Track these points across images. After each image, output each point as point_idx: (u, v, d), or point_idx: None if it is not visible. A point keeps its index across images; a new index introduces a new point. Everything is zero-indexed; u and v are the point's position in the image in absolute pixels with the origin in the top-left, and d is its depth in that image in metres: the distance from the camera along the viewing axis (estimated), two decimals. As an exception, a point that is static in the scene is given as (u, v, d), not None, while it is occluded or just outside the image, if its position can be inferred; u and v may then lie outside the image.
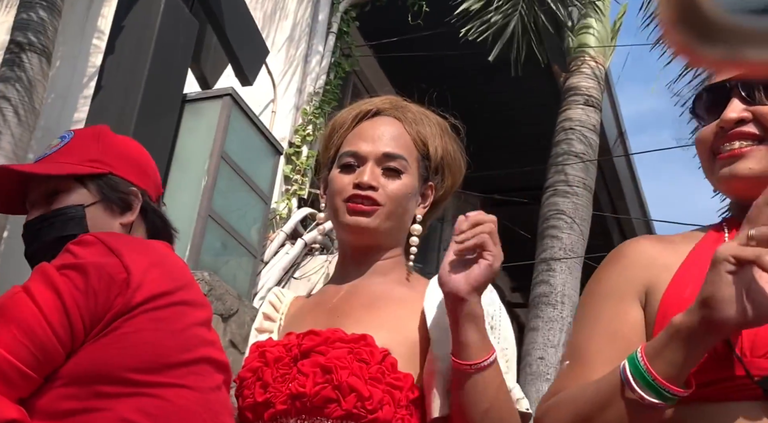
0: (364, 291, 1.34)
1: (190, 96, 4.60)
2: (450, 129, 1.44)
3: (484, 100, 6.25)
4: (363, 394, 1.17)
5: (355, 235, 1.34)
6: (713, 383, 0.96)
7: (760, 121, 1.09)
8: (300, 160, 5.84)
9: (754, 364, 0.94)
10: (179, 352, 1.16)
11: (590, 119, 5.12)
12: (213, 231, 4.58)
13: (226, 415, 1.22)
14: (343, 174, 1.35)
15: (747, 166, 1.08)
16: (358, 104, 1.44)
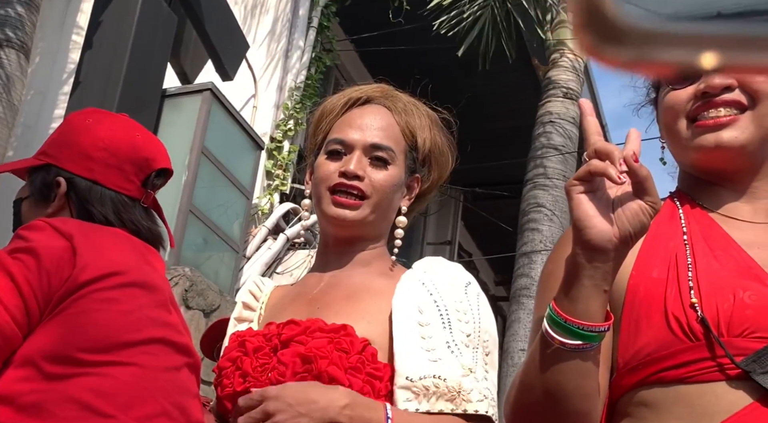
0: (345, 282, 1.32)
1: (169, 91, 4.58)
2: (440, 122, 1.43)
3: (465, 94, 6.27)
4: (343, 383, 1.16)
5: (338, 226, 1.32)
6: (690, 364, 0.95)
7: (746, 89, 1.04)
8: (282, 155, 5.83)
9: (732, 344, 0.93)
10: (129, 332, 1.15)
11: (569, 112, 5.16)
12: (194, 226, 4.57)
13: (185, 396, 1.21)
14: (330, 161, 1.33)
15: (733, 134, 1.03)
16: (349, 91, 1.41)
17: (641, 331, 0.99)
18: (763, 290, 0.95)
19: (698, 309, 0.95)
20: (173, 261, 4.33)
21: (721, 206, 1.07)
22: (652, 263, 1.02)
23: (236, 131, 4.92)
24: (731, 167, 1.06)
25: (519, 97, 6.39)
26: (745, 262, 0.99)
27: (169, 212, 4.40)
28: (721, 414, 0.91)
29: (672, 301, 0.97)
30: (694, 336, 0.95)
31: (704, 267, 0.98)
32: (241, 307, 1.40)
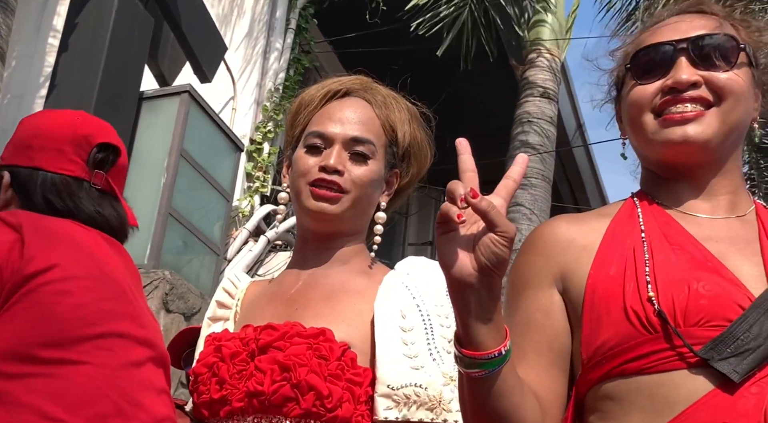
0: (323, 281, 1.30)
1: (147, 93, 4.56)
2: (418, 115, 1.40)
3: (444, 94, 6.30)
4: (322, 392, 1.14)
5: (318, 221, 1.30)
6: (650, 355, 0.97)
7: (712, 87, 1.06)
8: (261, 157, 5.82)
9: (689, 333, 0.95)
10: (83, 326, 1.11)
11: (547, 111, 5.19)
12: (174, 229, 4.55)
13: (145, 392, 1.16)
14: (309, 155, 1.30)
15: (699, 129, 1.05)
16: (328, 82, 1.37)
17: (602, 326, 1.01)
18: (717, 281, 0.98)
19: (655, 302, 0.97)
20: (153, 264, 4.30)
21: (681, 203, 1.10)
22: (610, 262, 1.03)
23: (215, 133, 4.91)
24: (694, 162, 1.08)
25: (497, 97, 6.43)
26: (701, 255, 1.01)
27: (148, 215, 4.38)
28: (681, 402, 0.93)
29: (630, 296, 0.99)
30: (653, 328, 0.97)
31: (661, 261, 1.01)
32: (215, 306, 1.37)
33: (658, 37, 1.11)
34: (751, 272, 1.00)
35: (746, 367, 0.92)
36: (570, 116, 7.55)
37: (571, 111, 7.63)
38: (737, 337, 0.93)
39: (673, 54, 1.08)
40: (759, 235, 1.06)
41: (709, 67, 1.07)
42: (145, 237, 4.33)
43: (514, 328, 1.05)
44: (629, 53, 1.14)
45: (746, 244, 1.04)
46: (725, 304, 0.96)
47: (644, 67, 1.10)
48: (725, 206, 1.09)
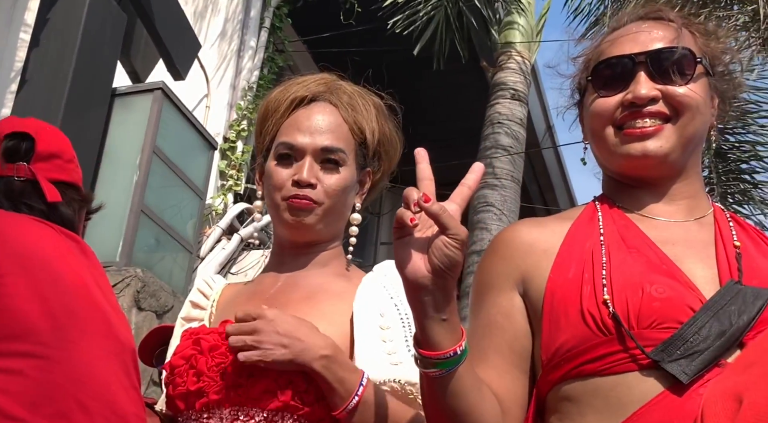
0: (302, 283, 1.31)
1: (120, 90, 4.54)
2: (385, 108, 1.39)
3: (417, 96, 6.34)
4: (300, 386, 1.15)
5: (294, 231, 1.31)
6: (605, 357, 0.99)
7: (670, 101, 1.09)
8: (235, 156, 5.82)
9: (641, 335, 0.97)
10: (42, 320, 1.07)
11: (517, 113, 5.25)
12: (146, 227, 4.53)
13: (109, 388, 1.12)
14: (281, 167, 1.30)
15: (658, 144, 1.08)
16: (292, 86, 1.36)
17: (560, 329, 1.03)
18: (671, 284, 1.00)
19: (610, 305, 0.99)
20: (125, 262, 4.28)
21: (641, 208, 1.13)
22: (568, 265, 1.06)
23: (188, 131, 4.90)
24: (654, 174, 1.12)
25: (468, 98, 6.48)
26: (657, 258, 1.04)
27: (120, 212, 4.36)
28: (634, 403, 0.95)
29: (587, 298, 1.02)
30: (608, 330, 0.99)
31: (617, 264, 1.03)
32: (190, 306, 1.37)
33: (618, 48, 1.13)
34: (704, 275, 1.03)
35: (695, 369, 0.94)
36: (540, 118, 7.63)
37: (541, 113, 7.71)
38: (687, 339, 0.95)
39: (632, 68, 1.11)
40: (715, 238, 1.09)
41: (666, 81, 1.10)
42: (116, 234, 4.31)
43: (477, 330, 1.09)
44: (591, 62, 1.17)
45: (702, 246, 1.08)
46: (677, 307, 0.98)
47: (605, 79, 1.13)
48: (684, 210, 1.13)
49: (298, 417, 1.16)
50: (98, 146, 4.29)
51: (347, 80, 1.41)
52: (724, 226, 1.11)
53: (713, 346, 0.95)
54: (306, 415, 1.16)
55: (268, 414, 1.16)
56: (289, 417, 1.16)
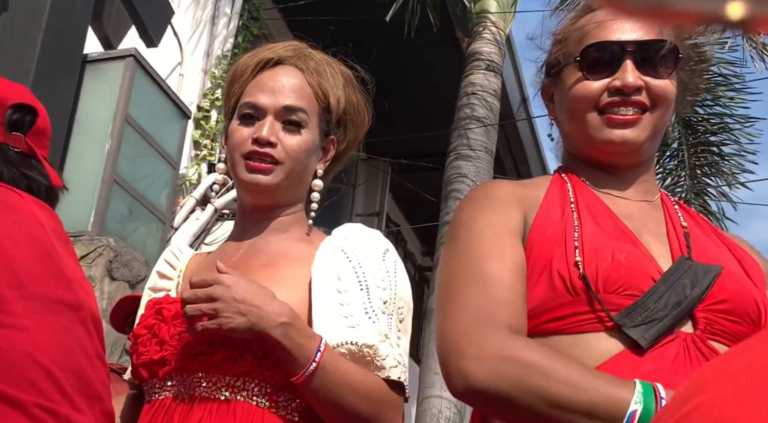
0: (264, 249, 1.32)
1: (91, 56, 4.46)
2: (355, 80, 1.39)
3: (392, 66, 6.31)
4: (260, 352, 1.16)
5: (253, 193, 1.31)
6: (569, 317, 1.04)
7: (650, 93, 1.13)
8: (209, 125, 5.76)
9: (607, 300, 1.02)
10: (6, 288, 1.06)
11: (491, 84, 5.25)
12: (119, 196, 4.49)
13: (74, 356, 1.13)
14: (243, 126, 1.31)
15: (636, 133, 1.13)
16: (261, 50, 1.37)
17: (533, 285, 1.07)
18: (635, 253, 1.06)
19: (581, 267, 1.04)
20: (97, 231, 4.25)
21: (601, 186, 1.18)
22: (547, 225, 1.11)
23: (162, 99, 4.84)
24: (625, 161, 1.17)
25: (444, 69, 6.46)
26: (621, 229, 1.10)
27: (92, 182, 4.31)
28: (594, 360, 1.00)
29: (558, 259, 1.06)
30: (575, 292, 1.04)
31: (588, 231, 1.08)
32: (156, 276, 1.38)
33: (605, 33, 1.15)
34: (659, 250, 1.10)
35: (653, 334, 1.00)
36: (515, 90, 7.64)
37: (516, 84, 7.71)
38: (648, 307, 1.01)
39: (621, 55, 1.13)
40: (665, 218, 1.16)
41: (650, 72, 1.13)
42: (88, 204, 4.27)
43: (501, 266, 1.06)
44: (570, 41, 1.19)
45: (655, 224, 1.15)
46: (641, 276, 1.04)
47: (592, 62, 1.15)
48: (639, 191, 1.19)
49: (259, 382, 1.18)
50: (69, 114, 4.23)
51: (317, 49, 1.40)
52: (671, 209, 1.18)
53: (670, 315, 1.01)
54: (267, 379, 1.18)
55: (231, 380, 1.18)
56: (251, 382, 1.18)
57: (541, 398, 0.94)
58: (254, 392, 1.17)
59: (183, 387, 1.20)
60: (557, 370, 0.95)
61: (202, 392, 1.18)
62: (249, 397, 1.17)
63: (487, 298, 1.03)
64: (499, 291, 1.04)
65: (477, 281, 1.05)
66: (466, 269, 1.07)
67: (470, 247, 1.09)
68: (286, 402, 1.19)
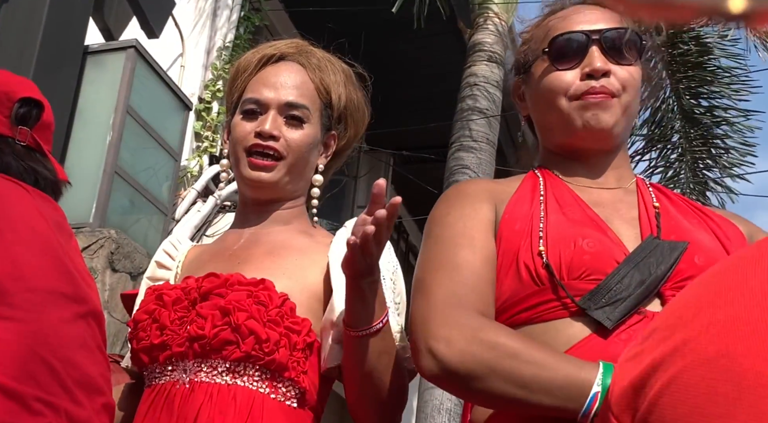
0: (264, 238, 1.34)
1: (92, 48, 4.45)
2: (355, 77, 1.42)
3: (394, 57, 6.30)
4: (261, 336, 1.18)
5: (256, 189, 1.34)
6: (537, 306, 1.06)
7: (618, 78, 1.17)
8: (211, 117, 5.75)
9: (571, 286, 1.05)
10: (9, 281, 1.07)
11: (494, 75, 5.23)
12: (120, 188, 4.49)
13: (77, 350, 1.14)
14: (245, 121, 1.33)
15: (607, 116, 1.17)
16: (263, 47, 1.40)
17: (501, 278, 1.10)
18: (600, 238, 1.09)
19: (544, 256, 1.07)
20: (98, 223, 4.25)
21: (575, 177, 1.22)
22: (515, 219, 1.14)
23: (163, 91, 4.83)
24: (597, 146, 1.20)
25: (446, 60, 6.45)
26: (588, 217, 1.13)
27: (93, 174, 4.31)
28: (562, 346, 1.03)
29: (524, 251, 1.09)
30: (540, 281, 1.07)
31: (553, 221, 1.12)
32: (155, 266, 1.39)
33: (570, 24, 1.20)
34: (629, 234, 1.12)
35: (618, 315, 1.02)
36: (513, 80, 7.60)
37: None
38: (611, 288, 1.03)
39: (587, 43, 1.18)
40: (638, 203, 1.19)
41: (616, 59, 1.18)
42: (90, 195, 4.27)
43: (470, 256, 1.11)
44: (536, 39, 1.23)
45: (627, 209, 1.17)
46: (605, 260, 1.07)
47: (560, 52, 1.19)
48: (612, 179, 1.22)
49: (259, 366, 1.19)
50: (70, 106, 4.22)
51: (319, 47, 1.43)
52: (645, 192, 1.22)
53: (634, 294, 1.03)
54: (267, 364, 1.19)
55: (231, 364, 1.19)
56: (251, 366, 1.19)
57: (509, 379, 0.97)
58: (254, 378, 1.19)
59: (184, 372, 1.21)
60: (525, 351, 0.98)
61: (202, 377, 1.19)
62: (249, 382, 1.19)
63: (457, 283, 1.07)
64: (469, 277, 1.08)
65: (448, 268, 1.09)
66: (438, 258, 1.11)
67: (443, 238, 1.14)
68: (286, 388, 1.20)
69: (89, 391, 1.12)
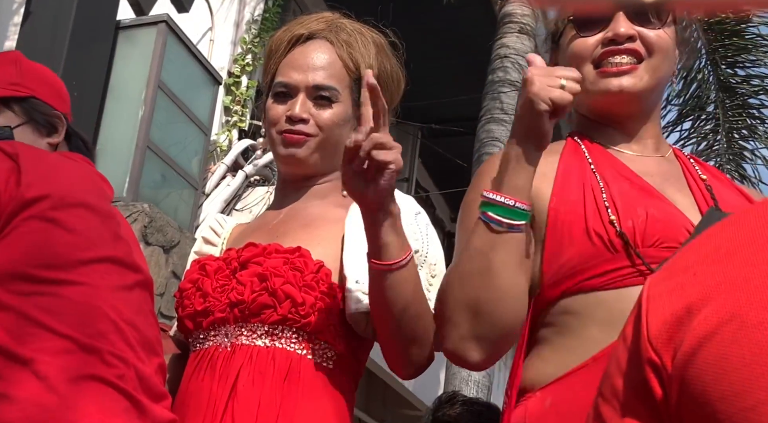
0: (302, 213, 1.38)
1: (123, 23, 4.48)
2: (387, 45, 1.43)
3: (422, 30, 6.24)
4: (297, 300, 1.23)
5: (290, 165, 1.39)
6: (610, 272, 1.07)
7: (644, 42, 1.17)
8: (240, 91, 5.78)
9: (646, 253, 1.06)
10: (79, 251, 1.17)
11: (525, 47, 5.15)
12: (152, 162, 4.55)
13: (138, 314, 1.22)
14: (277, 104, 1.38)
15: (633, 81, 1.17)
16: (293, 25, 1.43)
17: (564, 247, 1.10)
18: (665, 207, 1.10)
19: (616, 224, 1.08)
20: (131, 197, 4.32)
21: (615, 144, 1.21)
22: (569, 188, 1.14)
23: (193, 65, 4.85)
24: (626, 110, 1.20)
25: (476, 32, 6.38)
26: (645, 186, 1.13)
27: (126, 148, 4.36)
28: None
29: (592, 219, 1.09)
30: (614, 248, 1.07)
31: (616, 189, 1.12)
32: (202, 241, 1.46)
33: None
34: (684, 202, 1.13)
35: None
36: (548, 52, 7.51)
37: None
38: None
39: (613, 8, 1.18)
40: (683, 172, 1.21)
41: (643, 23, 1.18)
42: (123, 170, 4.33)
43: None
44: (566, 6, 1.24)
45: (675, 179, 1.18)
46: (676, 228, 1.08)
47: (585, 19, 1.20)
48: (651, 147, 1.23)
49: (296, 329, 1.24)
50: (103, 81, 4.26)
51: (351, 18, 1.44)
52: (687, 163, 1.23)
53: None
54: (303, 327, 1.23)
55: (269, 328, 1.24)
56: (288, 329, 1.24)
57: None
58: (292, 340, 1.24)
59: (225, 336, 1.27)
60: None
61: (243, 340, 1.25)
62: (287, 344, 1.24)
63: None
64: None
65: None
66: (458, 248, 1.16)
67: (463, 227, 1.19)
68: (322, 350, 1.25)
69: (148, 351, 1.20)
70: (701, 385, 0.55)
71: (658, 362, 0.59)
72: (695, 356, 0.56)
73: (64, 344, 1.10)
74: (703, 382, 0.55)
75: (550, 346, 1.12)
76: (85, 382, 1.09)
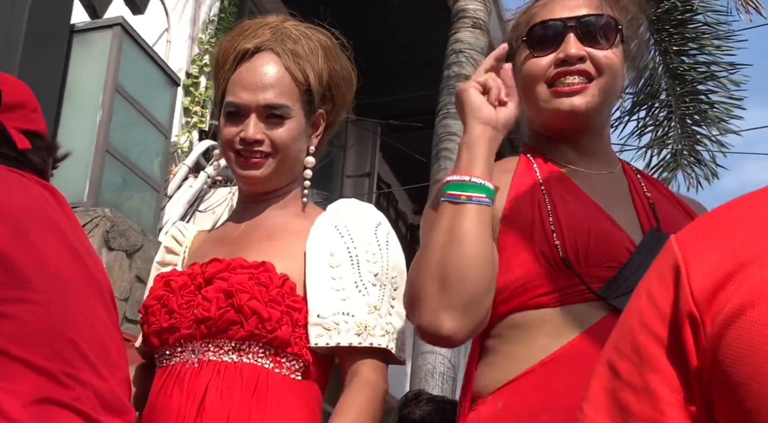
0: (263, 223, 1.38)
1: (78, 26, 4.44)
2: (335, 45, 1.41)
3: (379, 26, 6.28)
4: (263, 315, 1.23)
5: (249, 185, 1.39)
6: (554, 291, 1.13)
7: (594, 62, 1.22)
8: (198, 92, 5.76)
9: (589, 273, 1.12)
10: (32, 266, 1.12)
11: (479, 42, 5.21)
12: (112, 166, 4.52)
13: (96, 327, 1.18)
14: (230, 124, 1.36)
15: (585, 100, 1.21)
16: (238, 36, 1.39)
17: (512, 265, 1.16)
18: (608, 227, 1.16)
19: (560, 249, 1.14)
20: (92, 202, 4.29)
21: (566, 161, 1.27)
22: (519, 207, 1.19)
23: (150, 67, 4.83)
24: (578, 128, 1.25)
25: (431, 27, 6.43)
26: (592, 206, 1.19)
27: (85, 152, 4.32)
28: (580, 327, 1.11)
29: (540, 241, 1.15)
30: (559, 268, 1.14)
31: (562, 210, 1.17)
32: (164, 251, 1.46)
33: (549, 12, 1.25)
34: (627, 220, 1.19)
35: None
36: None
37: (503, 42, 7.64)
38: (628, 278, 1.11)
39: (563, 30, 1.23)
40: (629, 188, 1.26)
41: (592, 44, 1.23)
42: (82, 174, 4.29)
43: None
44: (521, 26, 1.28)
45: (622, 196, 1.24)
46: (617, 248, 1.15)
47: (538, 40, 1.24)
48: (601, 163, 1.28)
49: (263, 344, 1.25)
50: (59, 85, 4.22)
51: (296, 19, 1.42)
52: (634, 179, 1.28)
53: None
54: (270, 341, 1.25)
55: (236, 343, 1.25)
56: (255, 344, 1.25)
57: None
58: (259, 354, 1.25)
59: (192, 352, 1.28)
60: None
61: (210, 356, 1.26)
62: (254, 359, 1.25)
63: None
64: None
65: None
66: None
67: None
68: (290, 363, 1.27)
69: (111, 365, 1.18)
70: (739, 350, 0.53)
71: (698, 318, 0.57)
72: (739, 319, 0.53)
73: (17, 368, 1.06)
74: (741, 347, 0.53)
75: (500, 354, 1.17)
76: (41, 407, 1.06)
